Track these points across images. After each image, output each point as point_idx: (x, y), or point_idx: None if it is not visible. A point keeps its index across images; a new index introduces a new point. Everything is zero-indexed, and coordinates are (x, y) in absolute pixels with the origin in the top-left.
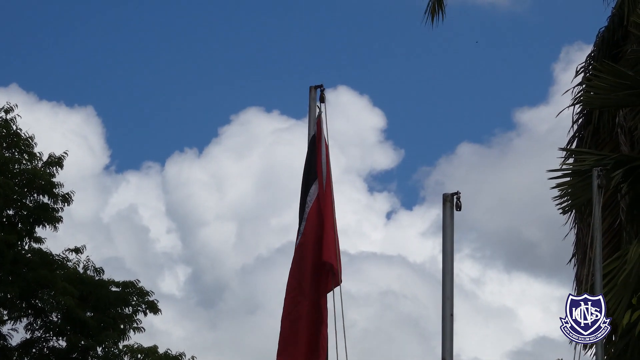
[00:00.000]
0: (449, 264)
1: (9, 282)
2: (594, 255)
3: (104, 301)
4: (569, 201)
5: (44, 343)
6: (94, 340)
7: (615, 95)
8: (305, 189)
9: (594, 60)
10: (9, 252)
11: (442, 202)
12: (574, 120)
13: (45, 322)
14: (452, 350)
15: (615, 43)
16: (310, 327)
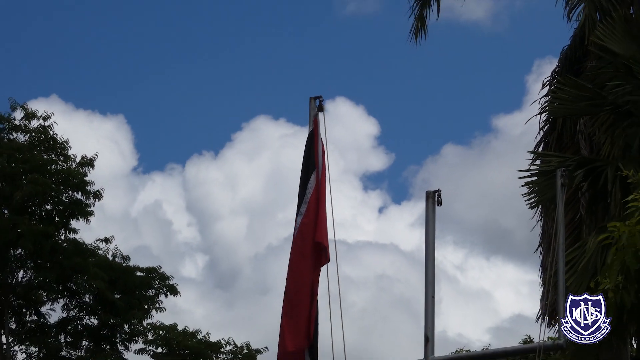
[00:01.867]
0: (431, 252)
1: (47, 268)
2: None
3: (130, 285)
4: (536, 198)
5: (78, 321)
6: (121, 319)
7: (577, 106)
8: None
9: (558, 75)
10: (47, 242)
11: (425, 198)
12: (540, 127)
13: (79, 303)
14: (434, 327)
15: (577, 60)
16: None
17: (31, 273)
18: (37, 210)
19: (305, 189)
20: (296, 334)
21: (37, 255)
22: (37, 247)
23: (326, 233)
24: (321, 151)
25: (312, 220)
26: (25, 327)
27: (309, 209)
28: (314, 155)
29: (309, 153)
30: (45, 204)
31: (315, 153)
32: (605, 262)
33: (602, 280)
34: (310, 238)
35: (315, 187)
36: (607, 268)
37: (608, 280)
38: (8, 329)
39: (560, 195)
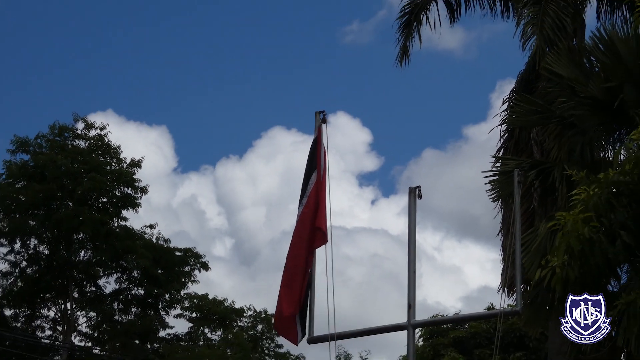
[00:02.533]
0: (413, 236)
1: (103, 249)
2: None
3: (170, 262)
4: (497, 192)
5: (128, 292)
6: (163, 290)
7: (530, 118)
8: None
9: (515, 93)
10: (103, 228)
11: (408, 193)
12: (501, 135)
13: (129, 277)
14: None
15: (531, 81)
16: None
17: (90, 253)
18: (95, 202)
19: (307, 185)
20: (291, 302)
21: (95, 239)
22: (95, 232)
23: (325, 220)
24: (323, 155)
25: (311, 210)
26: (85, 297)
27: (308, 201)
28: (315, 158)
29: (312, 157)
30: (101, 197)
31: (318, 156)
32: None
33: (551, 258)
34: (309, 224)
35: (316, 183)
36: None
37: (556, 259)
38: (72, 298)
39: (517, 191)
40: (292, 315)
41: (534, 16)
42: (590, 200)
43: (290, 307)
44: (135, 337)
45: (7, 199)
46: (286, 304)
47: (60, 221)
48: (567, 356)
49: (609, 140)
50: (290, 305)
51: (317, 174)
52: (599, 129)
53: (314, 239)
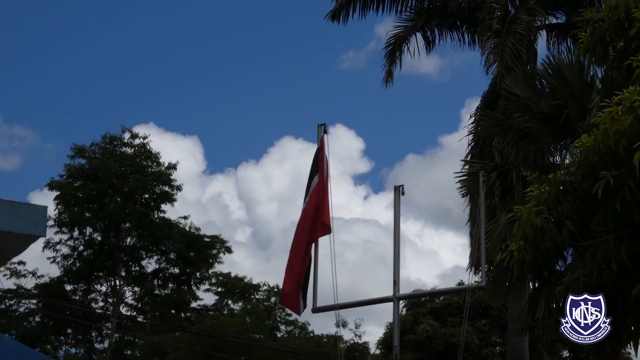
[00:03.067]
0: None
1: (145, 235)
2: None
3: (200, 246)
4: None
5: (166, 270)
6: (194, 269)
7: (492, 130)
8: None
9: (480, 109)
10: (145, 219)
11: (394, 190)
12: (469, 144)
13: (167, 259)
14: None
15: (493, 100)
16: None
17: (135, 239)
18: (139, 198)
19: (309, 186)
20: (292, 280)
21: (139, 227)
22: (139, 222)
23: (329, 215)
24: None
25: (312, 207)
26: (131, 275)
27: (310, 200)
28: (318, 164)
29: (315, 163)
30: (144, 194)
31: (320, 163)
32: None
33: (510, 244)
34: (310, 219)
35: (317, 185)
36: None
37: (514, 244)
38: (120, 276)
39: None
40: (291, 291)
41: (495, 47)
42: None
43: (291, 284)
44: (172, 308)
45: (67, 196)
46: (288, 282)
47: (110, 213)
48: (523, 323)
49: (557, 147)
50: (291, 283)
51: (319, 177)
52: (548, 139)
53: (315, 230)
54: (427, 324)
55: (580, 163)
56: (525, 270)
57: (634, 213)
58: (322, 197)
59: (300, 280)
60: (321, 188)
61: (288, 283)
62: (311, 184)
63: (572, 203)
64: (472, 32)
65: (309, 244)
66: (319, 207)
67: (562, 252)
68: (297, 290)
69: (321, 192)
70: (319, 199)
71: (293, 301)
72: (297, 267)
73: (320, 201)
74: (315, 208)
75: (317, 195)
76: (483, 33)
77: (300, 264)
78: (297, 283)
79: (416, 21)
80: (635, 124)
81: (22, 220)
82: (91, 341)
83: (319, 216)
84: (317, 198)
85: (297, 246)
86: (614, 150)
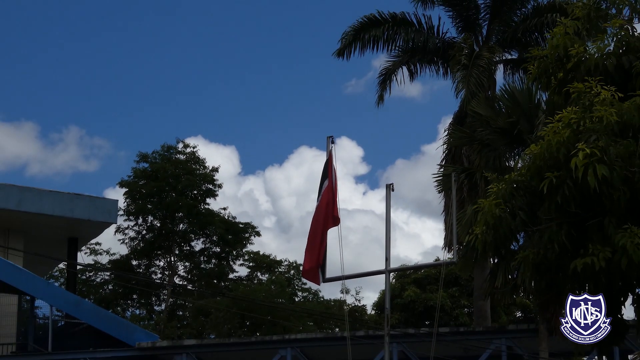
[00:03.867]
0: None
1: (194, 222)
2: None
3: (236, 231)
4: (441, 187)
5: (209, 250)
6: (231, 248)
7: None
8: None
9: (452, 125)
10: (194, 209)
11: (385, 188)
12: (444, 151)
13: (210, 240)
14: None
15: (461, 117)
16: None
17: (186, 225)
18: (189, 194)
19: (321, 189)
20: (312, 260)
21: (189, 216)
22: (189, 212)
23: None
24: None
25: (323, 205)
26: (183, 253)
27: (322, 199)
28: (327, 171)
29: (325, 170)
30: (193, 190)
31: (330, 170)
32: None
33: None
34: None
35: (327, 187)
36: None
37: (478, 229)
38: (174, 254)
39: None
40: (311, 268)
41: (463, 77)
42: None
43: (311, 263)
44: (214, 278)
45: (133, 192)
46: (308, 261)
47: (167, 205)
48: (486, 290)
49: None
50: (311, 262)
51: (328, 181)
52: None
53: (327, 222)
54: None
55: (530, 166)
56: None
57: (571, 205)
58: (332, 196)
59: (320, 259)
60: (331, 190)
61: (308, 262)
62: (322, 187)
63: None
64: (446, 65)
65: (324, 232)
66: (330, 204)
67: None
68: (316, 267)
69: (331, 193)
70: (329, 198)
71: (313, 276)
72: (316, 250)
73: (330, 200)
74: (326, 205)
75: (328, 195)
76: (454, 67)
77: (319, 247)
78: (317, 262)
79: (402, 57)
80: (572, 136)
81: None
82: (151, 304)
83: (330, 211)
84: (328, 197)
85: (314, 234)
86: (556, 156)
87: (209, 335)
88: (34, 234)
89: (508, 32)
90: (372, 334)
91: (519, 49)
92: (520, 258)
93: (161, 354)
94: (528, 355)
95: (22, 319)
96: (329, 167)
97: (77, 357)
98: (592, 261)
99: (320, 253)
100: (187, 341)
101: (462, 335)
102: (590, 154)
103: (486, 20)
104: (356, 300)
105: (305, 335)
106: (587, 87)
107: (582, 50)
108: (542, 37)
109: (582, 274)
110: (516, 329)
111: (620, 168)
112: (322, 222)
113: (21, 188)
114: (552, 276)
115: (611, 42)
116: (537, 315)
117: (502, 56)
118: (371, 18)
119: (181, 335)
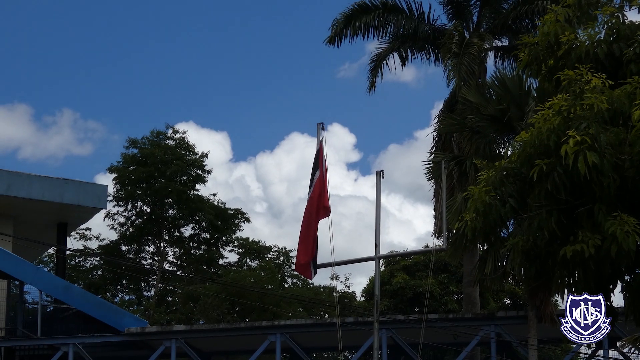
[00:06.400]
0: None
1: (183, 208)
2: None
3: (226, 217)
4: (432, 174)
5: (199, 235)
6: (221, 234)
7: (452, 128)
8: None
9: (442, 112)
10: (183, 195)
11: (375, 174)
12: (434, 138)
13: (200, 226)
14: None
15: (452, 104)
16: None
17: (175, 211)
18: (179, 179)
19: (312, 180)
20: (306, 254)
21: (179, 202)
22: (179, 198)
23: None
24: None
25: (315, 195)
26: (172, 239)
27: (314, 190)
28: (318, 161)
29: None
30: (182, 176)
31: (320, 161)
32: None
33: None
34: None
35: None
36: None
37: (468, 216)
38: (164, 239)
39: (444, 173)
40: (306, 262)
41: (454, 65)
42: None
43: (305, 257)
44: (204, 264)
45: (123, 177)
46: (302, 255)
47: (156, 191)
48: (475, 277)
49: (501, 141)
50: (305, 256)
51: (320, 171)
52: (494, 135)
53: (319, 213)
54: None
55: (520, 153)
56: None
57: (561, 192)
58: (322, 187)
59: (312, 252)
60: (321, 181)
61: (303, 256)
62: (314, 178)
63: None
64: (437, 52)
65: (316, 223)
66: (321, 195)
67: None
68: (310, 261)
69: (322, 184)
70: (320, 189)
71: (305, 270)
72: (310, 244)
73: (321, 190)
74: (318, 196)
75: (319, 186)
76: (445, 55)
77: (312, 240)
78: (311, 256)
79: (393, 44)
80: (562, 123)
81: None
82: (141, 290)
83: (322, 202)
84: (319, 188)
85: (307, 226)
86: (546, 143)
87: (199, 321)
88: (23, 218)
89: (499, 19)
90: (362, 320)
91: (510, 36)
92: (510, 245)
93: (150, 339)
94: (517, 342)
95: (11, 303)
96: (319, 159)
97: (66, 342)
98: (581, 248)
99: (313, 246)
100: (177, 327)
101: (451, 321)
102: (581, 142)
103: (477, 7)
104: (345, 286)
105: (294, 321)
106: (577, 75)
107: (573, 37)
108: (532, 24)
109: (571, 261)
110: (505, 316)
111: (610, 155)
112: (314, 214)
113: (11, 173)
114: (542, 263)
115: (602, 29)
116: (526, 302)
117: (492, 43)
118: (362, 4)
119: (170, 321)
